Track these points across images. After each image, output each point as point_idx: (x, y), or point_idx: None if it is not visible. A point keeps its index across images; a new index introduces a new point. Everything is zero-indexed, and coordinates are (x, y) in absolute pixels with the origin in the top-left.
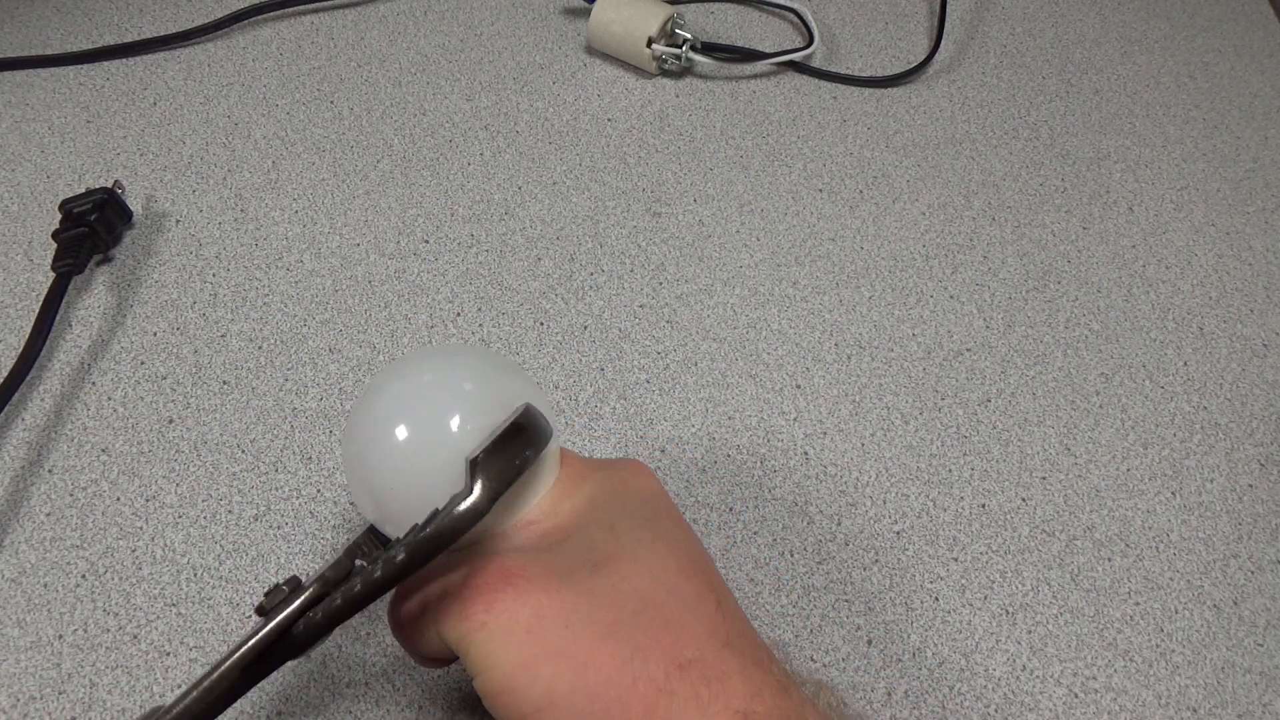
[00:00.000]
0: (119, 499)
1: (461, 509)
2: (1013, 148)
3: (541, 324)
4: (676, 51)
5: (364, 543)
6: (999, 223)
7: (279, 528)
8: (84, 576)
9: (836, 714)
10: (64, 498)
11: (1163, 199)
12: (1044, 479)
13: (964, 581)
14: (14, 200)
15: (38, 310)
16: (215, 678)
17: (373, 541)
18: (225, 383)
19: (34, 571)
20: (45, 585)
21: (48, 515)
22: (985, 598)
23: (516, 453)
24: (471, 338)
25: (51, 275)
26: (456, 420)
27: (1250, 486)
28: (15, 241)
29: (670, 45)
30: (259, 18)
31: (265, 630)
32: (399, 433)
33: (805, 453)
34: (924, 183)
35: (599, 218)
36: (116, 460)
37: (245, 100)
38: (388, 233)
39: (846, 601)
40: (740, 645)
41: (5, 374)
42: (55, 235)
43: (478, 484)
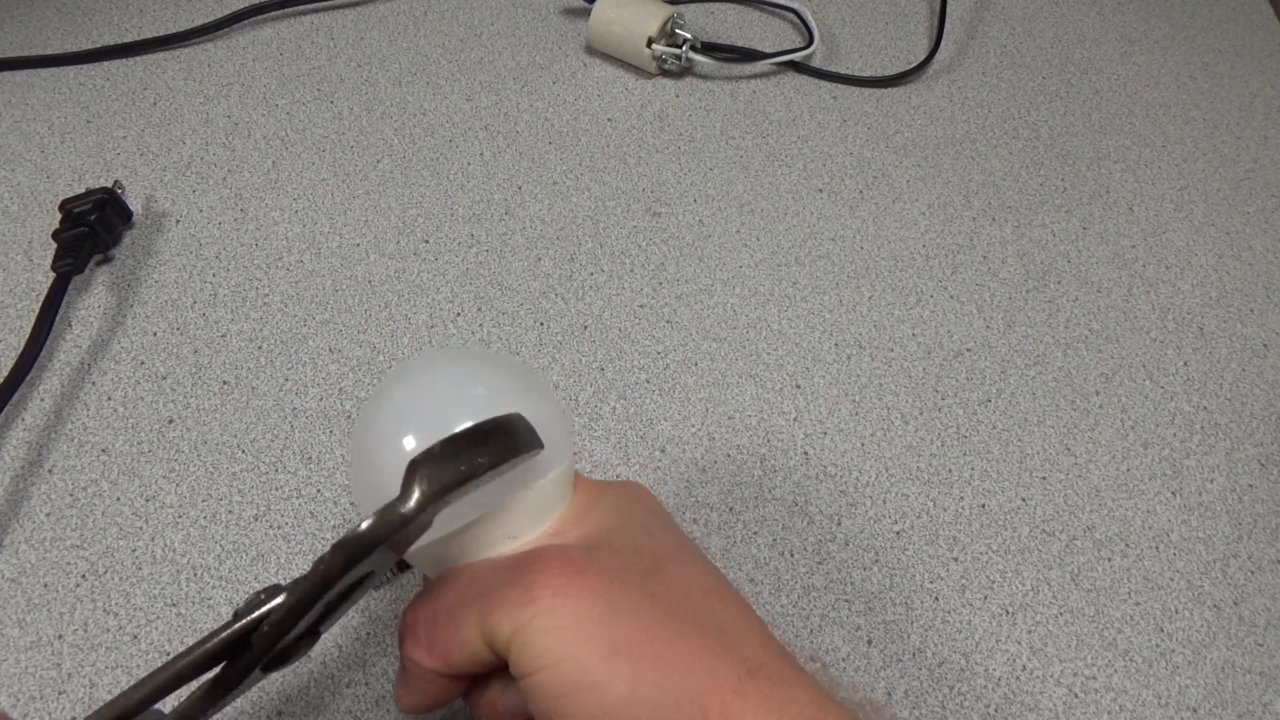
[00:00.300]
0: (119, 499)
1: (385, 512)
2: (1013, 148)
3: (541, 324)
4: (676, 51)
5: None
6: (999, 223)
7: (279, 528)
8: (84, 576)
9: None
10: (64, 498)
11: (1163, 199)
12: (1044, 479)
13: (964, 581)
14: (14, 200)
15: (38, 310)
16: (173, 671)
17: None
18: (225, 383)
19: (34, 571)
20: (45, 585)
21: (48, 515)
22: (985, 598)
23: (465, 458)
24: (471, 338)
25: (51, 275)
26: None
27: (1250, 486)
28: (15, 241)
29: (670, 45)
30: (259, 18)
31: (225, 633)
32: (407, 443)
33: (805, 453)
34: (924, 183)
35: (599, 218)
36: (116, 460)
37: (245, 100)
38: (388, 233)
39: (846, 601)
40: (791, 657)
41: (5, 374)
42: (55, 235)
43: (413, 489)
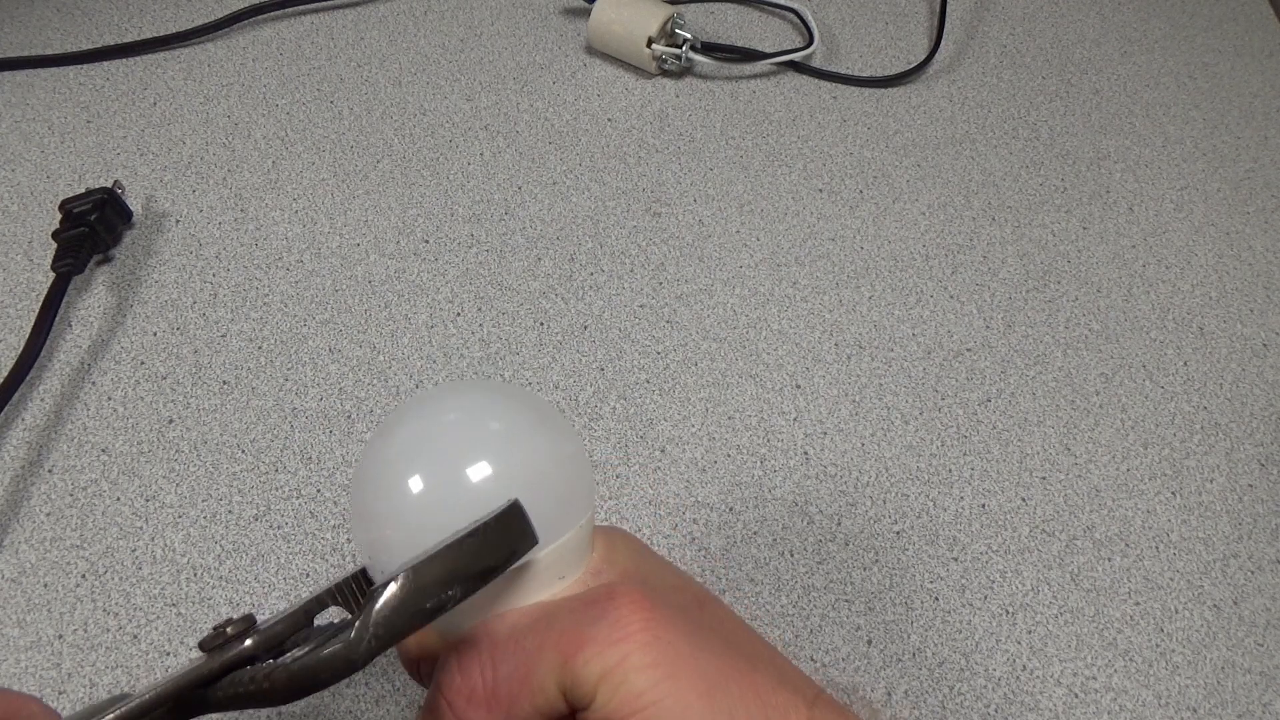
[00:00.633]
0: (119, 499)
1: (333, 659)
2: (1013, 148)
3: (541, 324)
4: (676, 51)
5: (336, 591)
6: (999, 223)
7: (279, 528)
8: (84, 576)
9: None
10: (64, 498)
11: (1163, 199)
12: (1044, 479)
13: (964, 581)
14: (14, 200)
15: (38, 310)
16: (119, 715)
17: (346, 595)
18: (225, 383)
19: (34, 571)
20: (45, 585)
21: (48, 515)
22: (985, 598)
23: (431, 592)
24: (471, 338)
25: (51, 275)
26: (478, 469)
27: (1250, 486)
28: (15, 241)
29: (670, 45)
30: (259, 18)
31: (187, 674)
32: (413, 484)
33: (805, 453)
34: (924, 183)
35: (599, 218)
36: (116, 460)
37: (245, 100)
38: (388, 233)
39: (846, 601)
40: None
41: (5, 374)
42: (55, 235)
43: (359, 628)
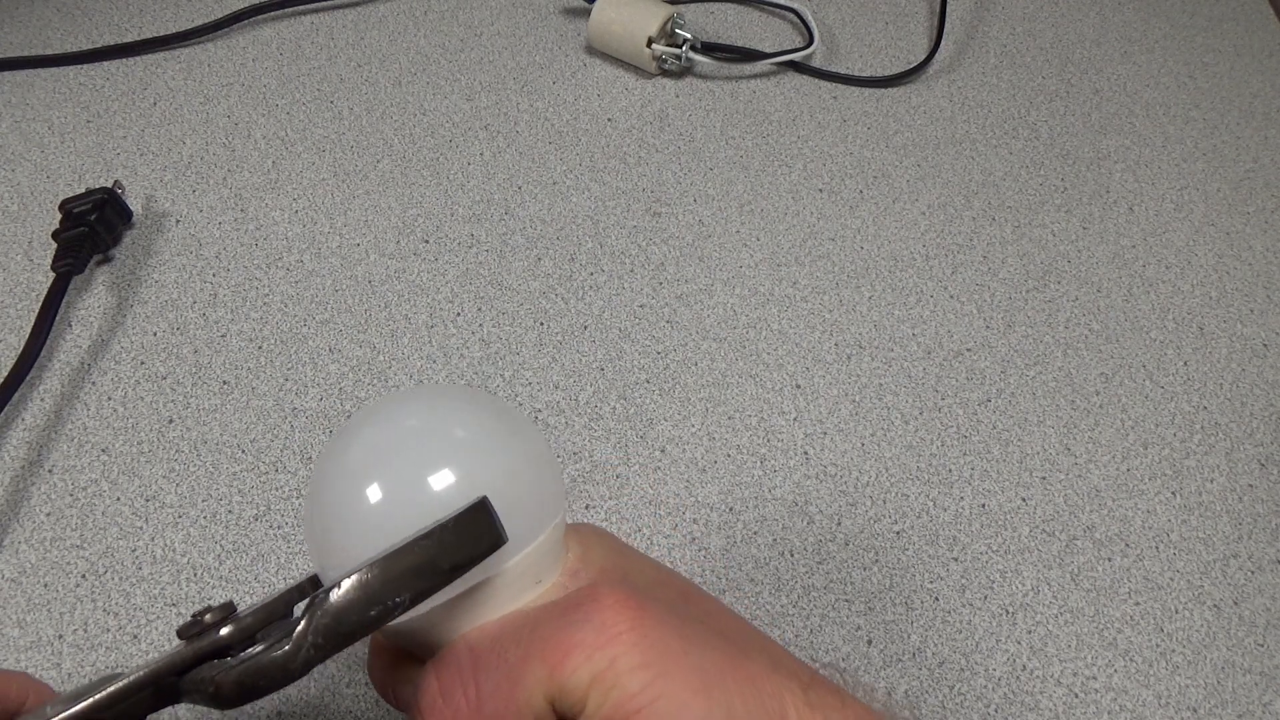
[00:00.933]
0: (119, 499)
1: (269, 666)
2: (1013, 148)
3: (541, 324)
4: (676, 51)
5: (314, 581)
6: (999, 223)
7: (279, 528)
8: (84, 576)
9: None
10: (64, 498)
11: (1163, 199)
12: (1044, 479)
13: (964, 581)
14: (14, 200)
15: (38, 310)
16: (106, 696)
17: (311, 592)
18: (225, 383)
19: (34, 571)
20: (45, 585)
21: (48, 515)
22: (985, 598)
23: (379, 596)
24: (471, 338)
25: (51, 275)
26: (441, 476)
27: (1250, 486)
28: (15, 241)
29: (670, 45)
30: (259, 18)
31: (163, 662)
32: (371, 494)
33: (805, 453)
34: (924, 183)
35: (599, 218)
36: (116, 460)
37: (245, 100)
38: (388, 233)
39: (846, 601)
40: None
41: (5, 374)
42: (55, 235)
43: (307, 635)
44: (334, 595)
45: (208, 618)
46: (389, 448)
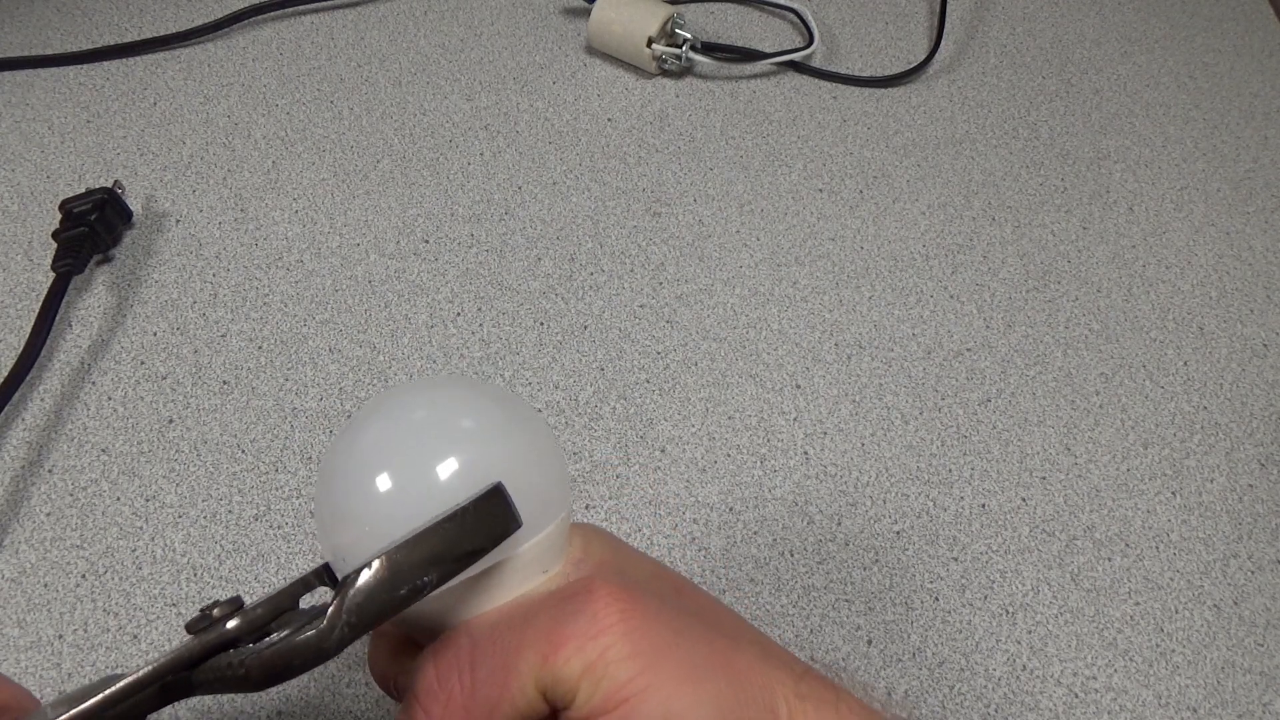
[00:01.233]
0: (119, 499)
1: (303, 647)
2: (1013, 148)
3: (541, 324)
4: (676, 51)
5: (323, 572)
6: (999, 223)
7: (279, 528)
8: (84, 576)
9: None
10: (64, 498)
11: (1163, 199)
12: (1044, 479)
13: (964, 581)
14: (14, 200)
15: (38, 310)
16: (114, 692)
17: (329, 577)
18: (225, 383)
19: (34, 571)
20: (45, 585)
21: (48, 515)
22: (985, 598)
23: (406, 577)
24: (471, 338)
25: (51, 275)
26: (446, 466)
27: (1250, 486)
28: (15, 241)
29: (670, 45)
30: (259, 18)
31: (172, 657)
32: (382, 482)
33: (805, 453)
34: (924, 183)
35: (599, 218)
36: (116, 460)
37: (245, 100)
38: (388, 233)
39: (846, 601)
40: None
41: (5, 374)
42: (55, 235)
43: (332, 615)
44: (364, 576)
45: (215, 612)
46: (399, 438)
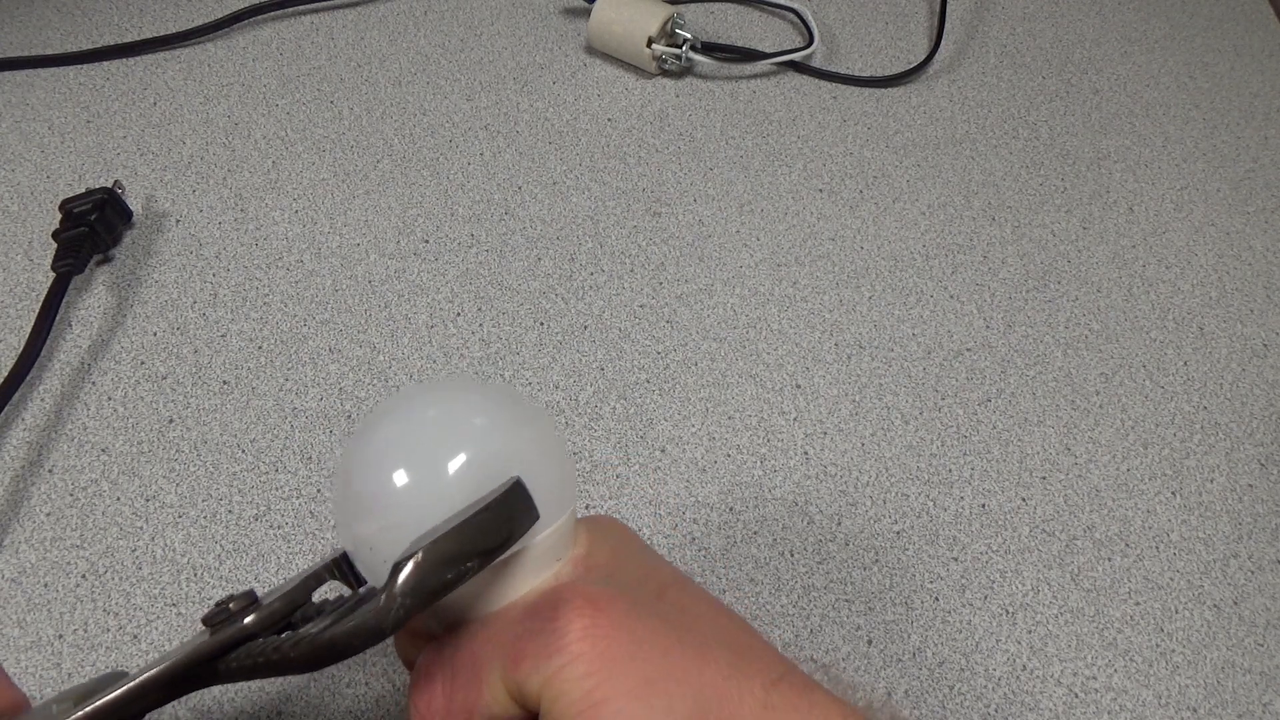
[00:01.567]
0: (119, 499)
1: (363, 627)
2: (1013, 148)
3: (541, 324)
4: (676, 51)
5: (334, 566)
6: (999, 223)
7: (279, 528)
8: (84, 576)
9: None
10: (64, 498)
11: (1163, 199)
12: (1044, 479)
13: (964, 581)
14: (14, 200)
15: (38, 310)
16: (137, 686)
17: (341, 571)
18: (225, 383)
19: (34, 571)
20: (45, 585)
21: (48, 515)
22: (985, 598)
23: (452, 562)
24: (471, 338)
25: (51, 275)
26: (453, 473)
27: (1250, 486)
28: (15, 241)
29: (670, 45)
30: (259, 18)
31: (190, 651)
32: (388, 482)
33: (805, 453)
34: (924, 183)
35: (599, 218)
36: (116, 460)
37: (245, 100)
38: (388, 233)
39: (846, 601)
40: (803, 668)
41: (5, 374)
42: (55, 235)
43: (389, 595)
44: (415, 561)
45: (232, 605)
46: (419, 434)
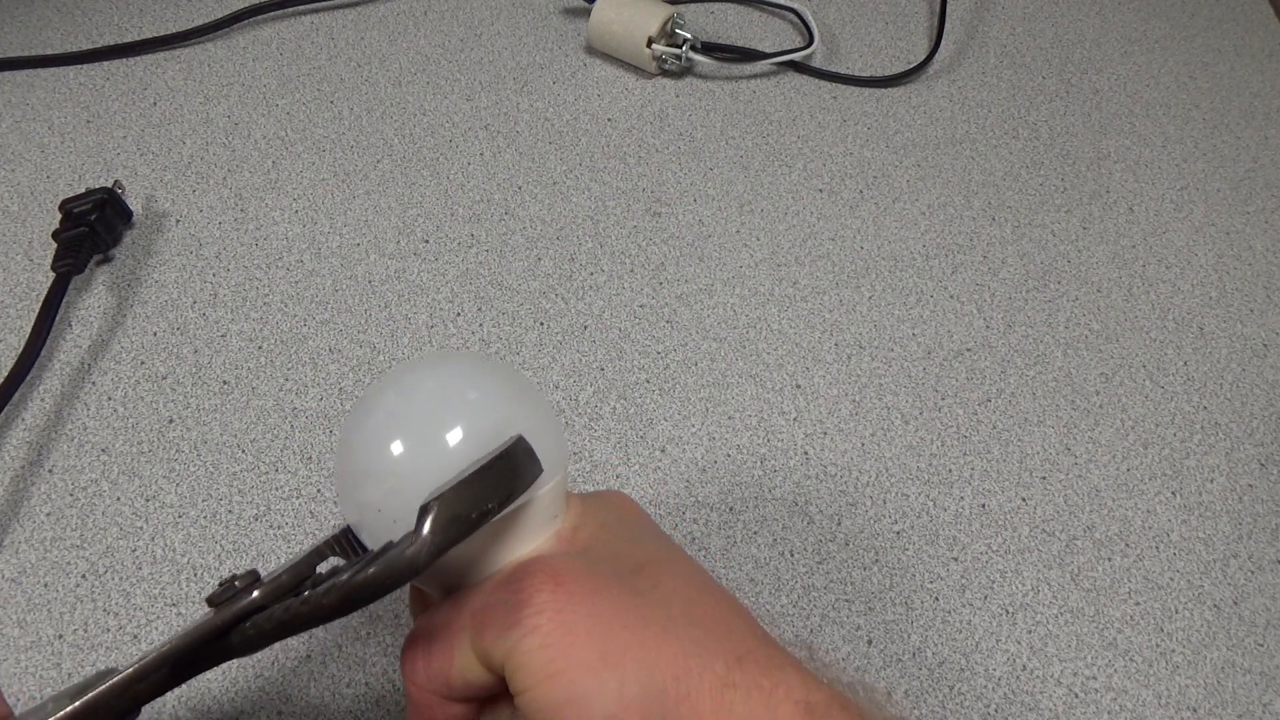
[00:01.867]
0: (119, 499)
1: (396, 562)
2: (1013, 148)
3: (541, 324)
4: (676, 51)
5: (337, 541)
6: (999, 223)
7: (279, 528)
8: (84, 576)
9: (881, 712)
10: (64, 498)
11: (1163, 199)
12: (1044, 479)
13: (964, 581)
14: (14, 200)
15: (38, 310)
16: (138, 669)
17: (345, 544)
18: (225, 383)
19: (34, 571)
20: (45, 585)
21: (48, 515)
22: (985, 598)
23: (476, 501)
24: (471, 338)
25: (51, 275)
26: (454, 435)
27: (1250, 486)
28: (15, 241)
29: (670, 45)
30: (259, 18)
31: (195, 630)
32: (382, 459)
33: (805, 453)
34: (924, 183)
35: (599, 218)
36: (116, 460)
37: (245, 100)
38: (388, 233)
39: (846, 601)
40: (780, 644)
41: (5, 374)
42: (55, 235)
43: (420, 535)
44: (438, 506)
45: (237, 583)
46: (417, 404)
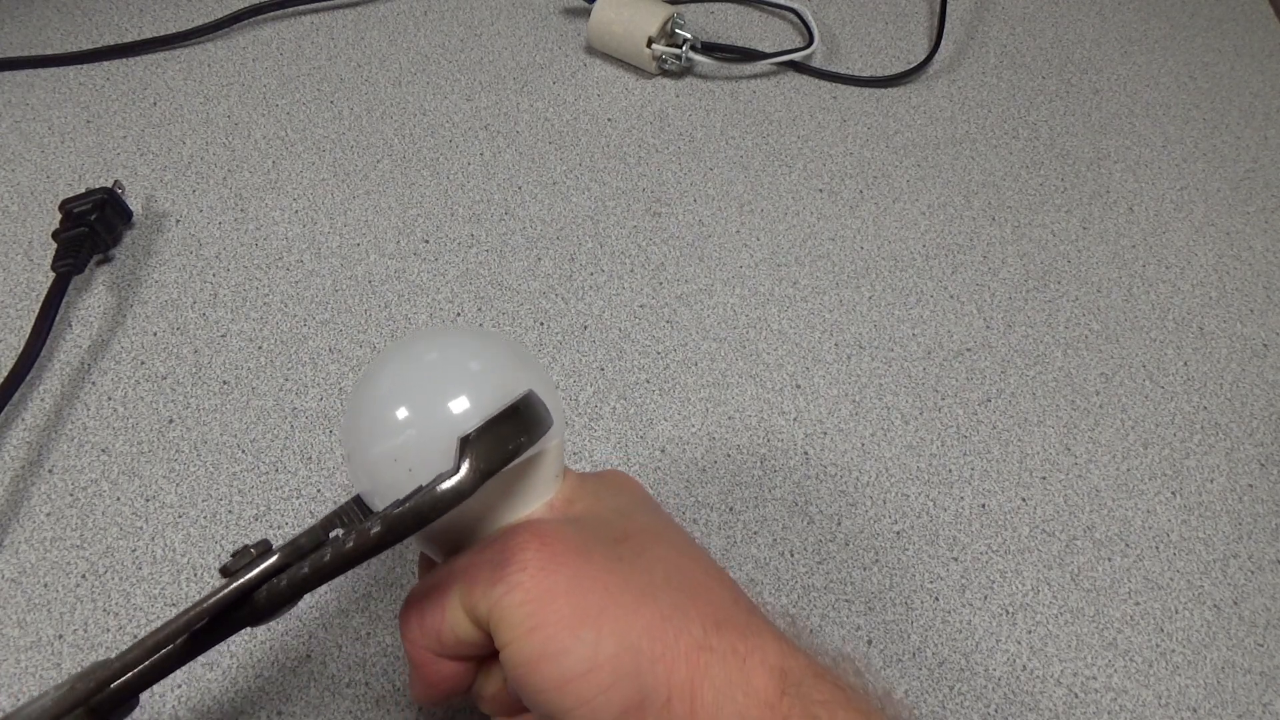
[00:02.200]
0: (119, 499)
1: (445, 487)
2: (1013, 148)
3: (541, 324)
4: (676, 51)
5: (344, 512)
6: (999, 223)
7: (279, 528)
8: (84, 576)
9: (858, 680)
10: (64, 498)
11: (1163, 199)
12: (1044, 479)
13: (964, 581)
14: (14, 200)
15: (38, 310)
16: (162, 635)
17: (355, 512)
18: (225, 383)
19: (34, 571)
20: (45, 585)
21: (48, 515)
22: (985, 598)
23: (510, 436)
24: None
25: (51, 275)
26: (458, 402)
27: (1250, 486)
28: (15, 241)
29: (670, 45)
30: (259, 18)
31: (223, 592)
32: (399, 413)
33: (805, 453)
34: (924, 183)
35: (599, 218)
36: (116, 460)
37: (245, 100)
38: (388, 233)
39: (846, 601)
40: (762, 613)
41: (5, 374)
42: (55, 235)
43: (465, 463)
44: (478, 430)
45: (253, 550)
46: (422, 373)
